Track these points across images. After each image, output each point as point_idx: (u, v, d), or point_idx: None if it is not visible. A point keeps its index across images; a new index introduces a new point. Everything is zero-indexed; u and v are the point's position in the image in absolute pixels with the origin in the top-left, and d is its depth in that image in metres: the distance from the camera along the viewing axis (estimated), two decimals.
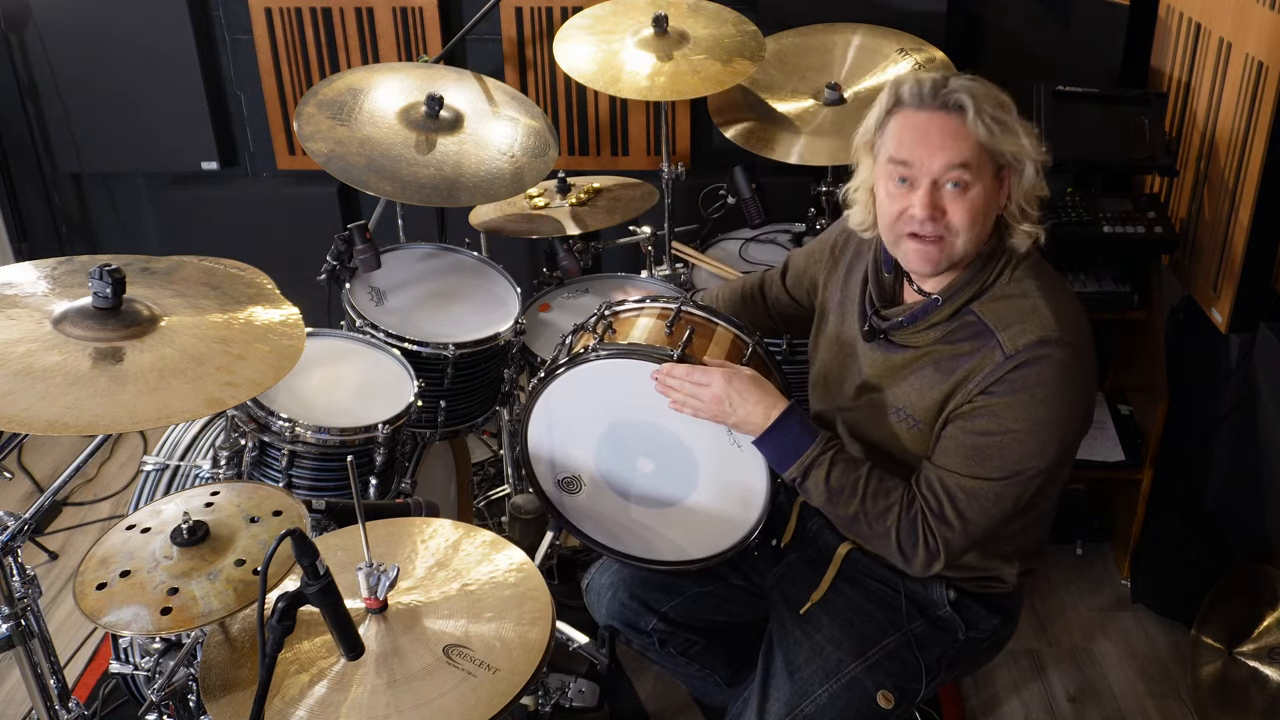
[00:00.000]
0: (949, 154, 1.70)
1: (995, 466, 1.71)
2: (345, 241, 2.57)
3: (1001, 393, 1.69)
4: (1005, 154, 1.71)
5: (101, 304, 1.56)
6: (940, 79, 1.73)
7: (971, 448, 1.72)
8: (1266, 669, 2.32)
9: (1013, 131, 1.71)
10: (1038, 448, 1.70)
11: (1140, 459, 2.81)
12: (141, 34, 3.34)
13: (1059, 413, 1.69)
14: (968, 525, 1.73)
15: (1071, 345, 1.68)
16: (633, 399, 1.90)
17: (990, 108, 1.70)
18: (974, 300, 1.76)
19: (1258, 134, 2.37)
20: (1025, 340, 1.69)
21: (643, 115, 3.42)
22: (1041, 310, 1.71)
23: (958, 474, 1.73)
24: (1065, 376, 1.68)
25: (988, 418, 1.71)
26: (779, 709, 1.84)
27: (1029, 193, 1.74)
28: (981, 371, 1.71)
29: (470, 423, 2.64)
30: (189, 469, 2.30)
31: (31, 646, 1.72)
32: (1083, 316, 1.75)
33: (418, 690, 1.42)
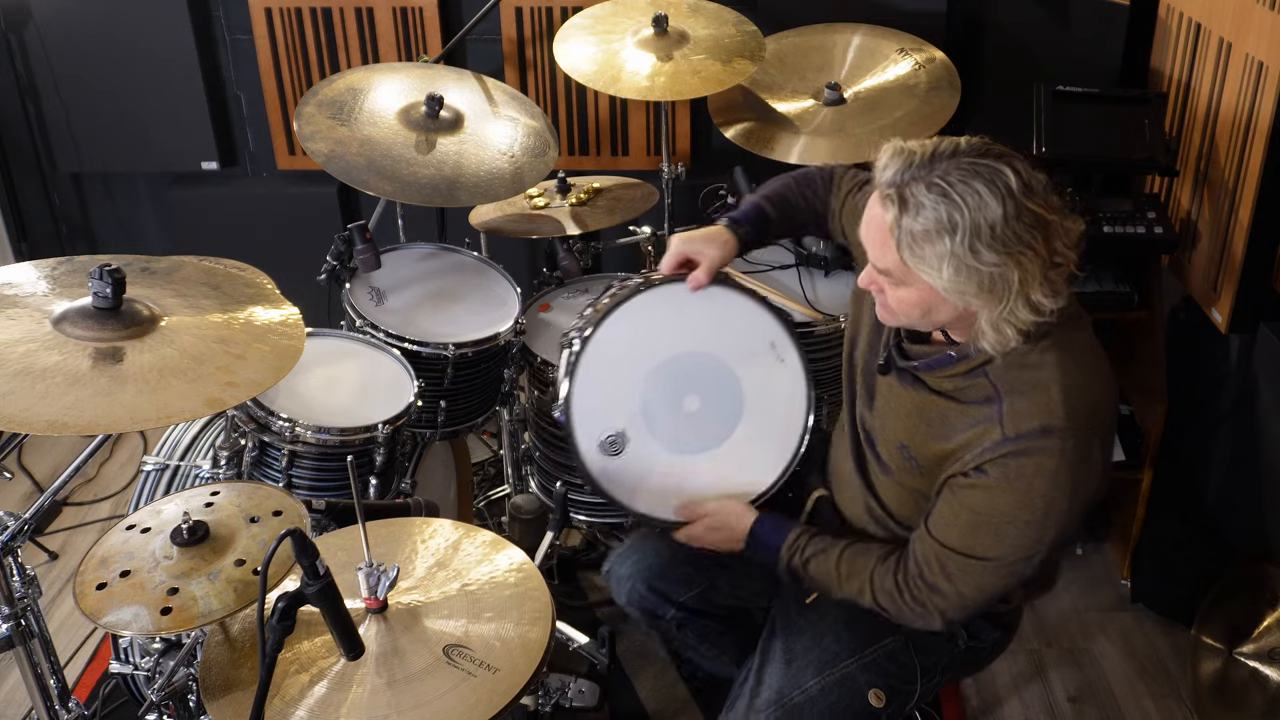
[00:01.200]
0: (874, 253, 1.60)
1: (990, 545, 1.64)
2: (345, 241, 2.57)
3: (997, 477, 1.60)
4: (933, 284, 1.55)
5: (101, 304, 1.56)
6: (910, 167, 1.53)
7: (966, 524, 1.66)
8: (1266, 669, 2.32)
9: (930, 266, 1.52)
10: (1034, 537, 1.62)
11: (1140, 459, 2.81)
12: (142, 34, 3.34)
13: (1056, 505, 1.60)
14: (963, 597, 1.69)
15: (1077, 435, 1.57)
16: (670, 334, 1.95)
17: (919, 226, 1.50)
18: (990, 362, 1.63)
19: (1258, 134, 2.37)
20: (1026, 426, 1.58)
21: (643, 115, 3.42)
22: (1053, 393, 1.58)
23: (952, 550, 1.67)
24: (1065, 469, 1.57)
25: (983, 497, 1.63)
26: (770, 694, 1.84)
27: (1004, 318, 1.56)
28: (980, 445, 1.62)
29: (470, 423, 2.65)
30: (189, 469, 2.30)
31: (31, 646, 1.72)
32: (1102, 397, 1.63)
33: (418, 690, 1.42)
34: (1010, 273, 1.51)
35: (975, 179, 1.50)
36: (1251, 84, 2.39)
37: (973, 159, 1.52)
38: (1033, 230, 1.51)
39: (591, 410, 1.94)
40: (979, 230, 1.49)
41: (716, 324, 1.98)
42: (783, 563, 1.85)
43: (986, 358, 1.63)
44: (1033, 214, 1.51)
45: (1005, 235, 1.50)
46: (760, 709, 1.83)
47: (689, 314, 1.97)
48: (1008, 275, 1.51)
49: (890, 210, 1.54)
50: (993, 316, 1.56)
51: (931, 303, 1.59)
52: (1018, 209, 1.50)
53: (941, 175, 1.51)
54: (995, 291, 1.53)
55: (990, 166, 1.51)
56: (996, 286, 1.52)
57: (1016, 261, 1.51)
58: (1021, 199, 1.50)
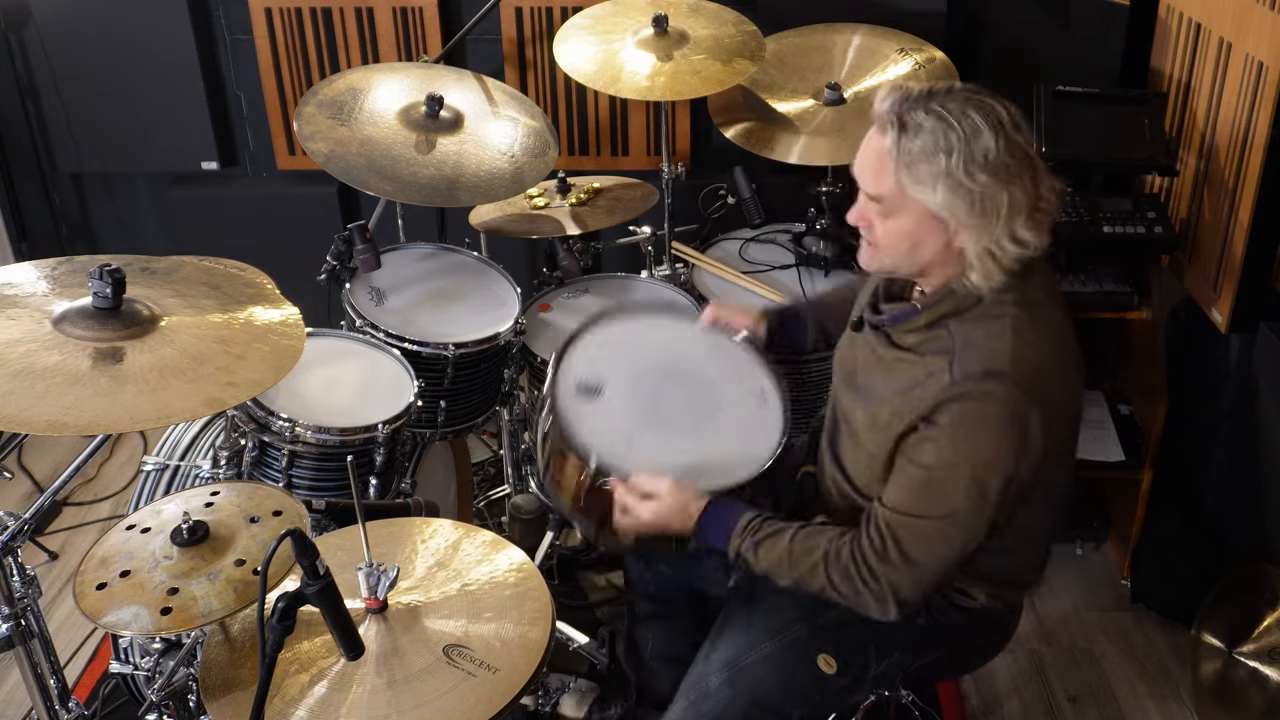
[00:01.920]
0: (866, 182, 1.66)
1: (936, 503, 1.65)
2: (345, 241, 2.57)
3: (943, 424, 1.62)
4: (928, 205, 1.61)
5: (101, 304, 1.56)
6: (914, 95, 1.62)
7: (915, 482, 1.67)
8: (1266, 669, 2.32)
9: (926, 186, 1.60)
10: (982, 487, 1.62)
11: (1140, 459, 2.81)
12: (142, 34, 3.34)
13: (1000, 459, 1.61)
14: (914, 568, 1.68)
15: (1021, 384, 1.59)
16: (673, 347, 2.12)
17: (917, 148, 1.59)
18: (954, 315, 1.68)
19: (1258, 134, 2.37)
20: (974, 369, 1.61)
21: (643, 115, 3.42)
22: (1004, 342, 1.62)
23: (901, 512, 1.68)
24: (1009, 421, 1.59)
25: (930, 449, 1.65)
26: (726, 655, 1.86)
27: (980, 245, 1.61)
28: (930, 389, 1.64)
29: (470, 423, 2.64)
30: (189, 469, 2.30)
31: (31, 646, 1.72)
32: (1052, 370, 1.64)
33: (418, 690, 1.42)
34: (1000, 195, 1.59)
35: (971, 108, 1.60)
36: (1251, 84, 2.39)
37: (966, 94, 1.63)
38: (1021, 164, 1.60)
39: (582, 362, 2.04)
40: (973, 153, 1.58)
41: (719, 358, 2.10)
42: (734, 545, 1.79)
43: (949, 310, 1.68)
44: (1021, 149, 1.61)
45: (997, 162, 1.58)
46: (713, 670, 1.85)
47: (697, 343, 2.13)
48: (998, 198, 1.59)
49: (890, 134, 1.61)
50: (980, 245, 1.61)
51: (920, 234, 1.65)
52: (1009, 141, 1.59)
53: (939, 103, 1.61)
54: (985, 214, 1.59)
55: (985, 102, 1.62)
56: (987, 209, 1.59)
57: (1006, 186, 1.59)
58: (1012, 133, 1.60)
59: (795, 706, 1.84)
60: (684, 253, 2.96)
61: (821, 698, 1.86)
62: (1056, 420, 1.65)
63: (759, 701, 1.83)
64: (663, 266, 2.99)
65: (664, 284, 2.85)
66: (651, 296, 2.80)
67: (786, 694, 1.83)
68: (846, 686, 1.87)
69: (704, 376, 2.08)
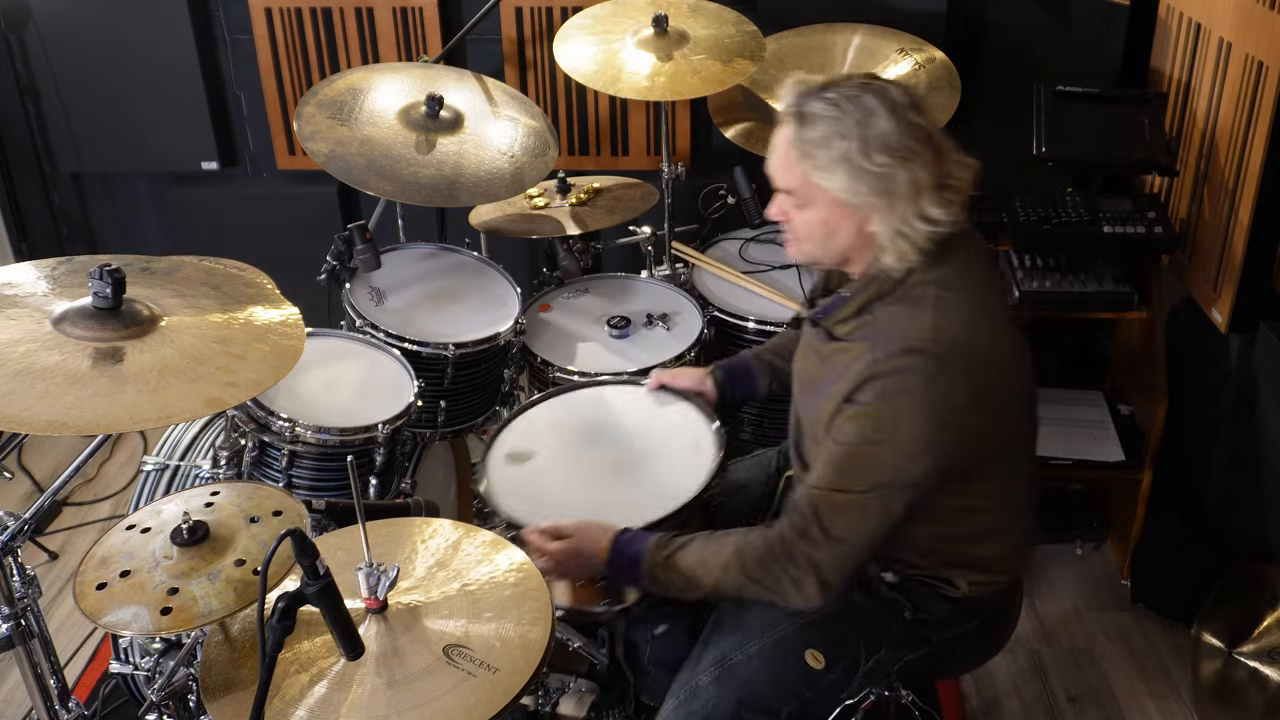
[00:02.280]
0: (777, 176, 1.72)
1: (857, 478, 1.66)
2: (345, 241, 2.57)
3: (864, 401, 1.65)
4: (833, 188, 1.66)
5: (101, 304, 1.56)
6: (811, 87, 1.68)
7: (837, 458, 1.68)
8: (1266, 669, 2.32)
9: (826, 171, 1.65)
10: (901, 460, 1.64)
11: (1140, 459, 2.81)
12: (142, 34, 3.34)
13: (921, 431, 1.62)
14: (835, 544, 1.69)
15: (940, 357, 1.61)
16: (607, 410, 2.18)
17: (816, 136, 1.64)
18: (879, 300, 1.70)
19: (1258, 134, 2.37)
20: (893, 347, 1.64)
21: (643, 115, 3.42)
22: (924, 318, 1.65)
23: (822, 488, 1.69)
24: (927, 389, 1.61)
25: (851, 427, 1.66)
26: (715, 655, 1.87)
27: (891, 226, 1.65)
28: (854, 369, 1.67)
29: (470, 423, 2.65)
30: (189, 469, 2.30)
31: (31, 646, 1.72)
32: (977, 333, 1.66)
33: (418, 690, 1.42)
34: (900, 174, 1.63)
35: (866, 93, 1.65)
36: (1251, 84, 2.39)
37: (862, 80, 1.68)
38: (921, 143, 1.65)
39: (517, 434, 2.15)
40: (869, 135, 1.63)
41: (657, 416, 2.16)
42: (646, 563, 1.79)
43: (873, 294, 1.71)
44: (919, 128, 1.65)
45: (893, 141, 1.63)
46: (704, 669, 1.86)
47: (639, 405, 2.19)
48: (898, 177, 1.63)
49: (790, 127, 1.68)
50: (889, 227, 1.66)
51: (832, 221, 1.70)
52: (906, 122, 1.64)
53: (834, 91, 1.66)
54: (889, 195, 1.64)
55: (880, 85, 1.67)
56: (890, 189, 1.64)
57: (906, 164, 1.63)
58: (909, 114, 1.65)
59: (784, 703, 1.84)
60: (684, 253, 2.96)
61: (811, 694, 1.85)
62: (987, 391, 1.66)
63: (747, 699, 1.83)
64: (663, 266, 2.99)
65: (664, 284, 2.85)
66: (636, 306, 2.81)
67: (775, 691, 1.83)
68: (836, 682, 1.86)
69: (638, 435, 2.12)
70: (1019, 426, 1.79)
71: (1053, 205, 2.71)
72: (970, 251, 1.74)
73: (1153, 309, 2.76)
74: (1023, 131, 2.70)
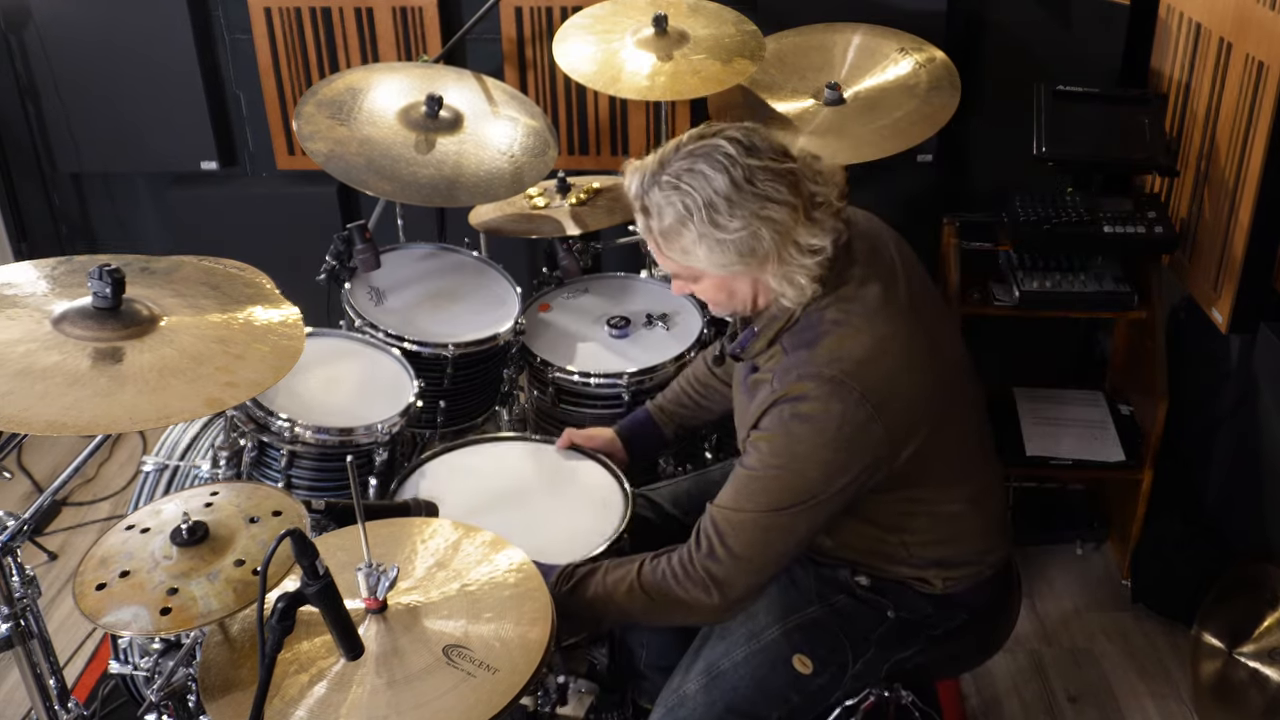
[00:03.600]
0: (660, 263, 1.74)
1: (759, 501, 1.68)
2: (345, 241, 2.57)
3: (764, 427, 1.67)
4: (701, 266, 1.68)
5: (101, 304, 1.56)
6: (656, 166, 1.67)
7: (740, 481, 1.71)
8: (1266, 669, 2.32)
9: (687, 253, 1.67)
10: (799, 483, 1.65)
11: (1140, 459, 2.81)
12: (141, 34, 3.33)
13: (819, 450, 1.64)
14: (738, 560, 1.70)
15: (834, 380, 1.62)
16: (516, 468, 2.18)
17: (664, 225, 1.65)
18: (785, 331, 1.71)
19: (1258, 134, 2.37)
20: (790, 375, 1.65)
21: (643, 115, 3.42)
22: (820, 345, 1.66)
23: (725, 508, 1.71)
24: (824, 413, 1.62)
25: (753, 453, 1.69)
26: (703, 664, 1.87)
27: (784, 272, 1.66)
28: (759, 400, 1.69)
29: (470, 423, 2.64)
30: (188, 469, 2.30)
31: (31, 646, 1.72)
32: (875, 351, 1.65)
33: (417, 690, 1.42)
34: (760, 230, 1.62)
35: (697, 162, 1.62)
36: (1251, 84, 2.39)
37: (691, 146, 1.65)
38: (771, 184, 1.62)
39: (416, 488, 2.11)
40: (713, 205, 1.61)
41: (565, 475, 2.16)
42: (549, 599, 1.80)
43: (780, 326, 1.71)
44: (765, 170, 1.62)
45: (739, 199, 1.61)
46: (692, 677, 1.86)
47: (547, 463, 2.20)
48: (759, 233, 1.62)
49: (641, 221, 1.69)
50: (775, 275, 1.66)
51: (725, 286, 1.71)
52: (746, 171, 1.61)
53: (670, 173, 1.64)
54: (757, 253, 1.63)
55: (707, 144, 1.64)
56: (756, 248, 1.63)
57: (762, 218, 1.61)
58: (747, 161, 1.62)
59: (772, 709, 1.84)
60: None
61: (800, 699, 1.85)
62: (891, 404, 1.65)
63: (735, 706, 1.83)
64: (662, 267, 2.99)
65: (664, 284, 2.85)
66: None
67: (763, 697, 1.83)
68: (825, 686, 1.86)
69: (547, 488, 2.13)
70: (951, 423, 1.76)
71: (1053, 205, 2.71)
72: (868, 257, 1.73)
73: (1153, 309, 2.76)
74: (1023, 131, 2.70)
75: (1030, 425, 2.90)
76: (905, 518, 1.79)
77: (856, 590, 1.88)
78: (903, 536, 1.81)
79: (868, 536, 1.82)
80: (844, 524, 1.78)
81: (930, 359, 1.73)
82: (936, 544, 1.83)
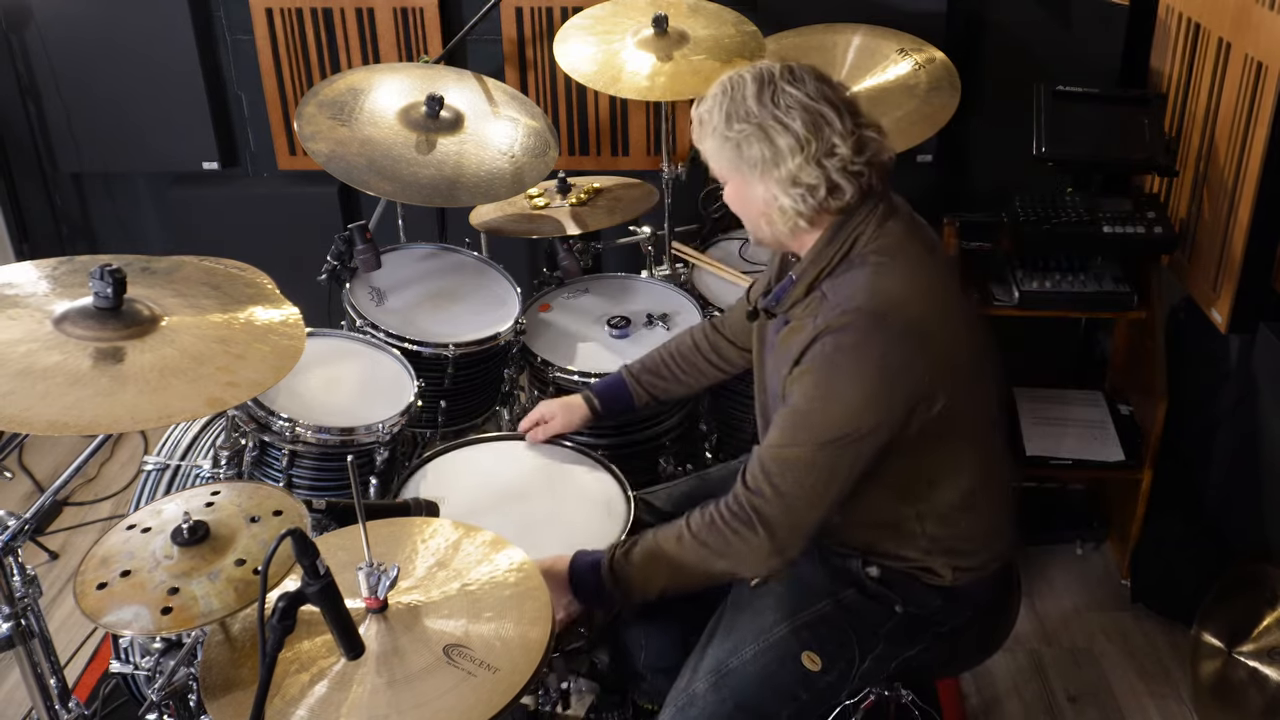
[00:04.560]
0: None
1: (804, 435, 1.70)
2: (345, 241, 2.57)
3: (809, 363, 1.70)
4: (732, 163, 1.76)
5: (102, 304, 1.56)
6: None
7: (785, 419, 1.73)
8: (1266, 669, 2.32)
9: (705, 143, 1.78)
10: (846, 415, 1.68)
11: (1140, 459, 2.81)
12: (142, 34, 3.34)
13: (861, 383, 1.67)
14: (784, 498, 1.71)
15: (877, 314, 1.66)
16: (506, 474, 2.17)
17: (704, 109, 1.76)
18: (826, 277, 1.75)
19: (1258, 134, 2.37)
20: (834, 313, 1.69)
21: (643, 115, 3.42)
22: (861, 282, 1.70)
23: (773, 445, 1.73)
24: (866, 345, 1.66)
25: (797, 388, 1.72)
26: (711, 663, 1.87)
27: (775, 192, 1.73)
28: (800, 340, 1.73)
29: (470, 423, 2.65)
30: (189, 469, 2.30)
31: (31, 646, 1.72)
32: (914, 289, 1.71)
33: (418, 690, 1.42)
34: (754, 142, 1.71)
35: (747, 72, 1.75)
36: (1251, 84, 2.39)
37: (757, 64, 1.78)
38: (791, 112, 1.70)
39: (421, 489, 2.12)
40: (734, 104, 1.73)
41: (563, 472, 2.18)
42: (605, 567, 1.82)
43: (819, 271, 1.75)
44: (793, 98, 1.70)
45: (753, 108, 1.71)
46: (700, 676, 1.86)
47: (546, 463, 2.21)
48: (752, 143, 1.71)
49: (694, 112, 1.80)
50: (768, 191, 1.73)
51: (737, 192, 1.79)
52: (774, 91, 1.71)
53: (727, 76, 1.77)
54: (745, 160, 1.73)
55: (763, 65, 1.76)
56: (747, 154, 1.72)
57: (763, 131, 1.71)
58: (781, 84, 1.72)
59: (781, 707, 1.84)
60: (684, 253, 2.96)
61: (808, 696, 1.85)
62: (929, 351, 1.69)
63: (744, 704, 1.82)
64: (663, 266, 2.99)
65: (664, 284, 2.85)
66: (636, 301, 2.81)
67: (772, 695, 1.83)
68: (833, 683, 1.86)
69: (546, 492, 2.13)
70: (974, 395, 1.80)
71: (1053, 205, 2.71)
72: (910, 224, 1.80)
73: (1153, 309, 2.76)
74: (1023, 131, 2.70)
75: (1030, 425, 2.90)
76: (924, 486, 1.80)
77: (865, 583, 1.89)
78: (918, 507, 1.81)
79: (884, 509, 1.82)
80: (864, 491, 1.77)
81: (965, 320, 1.79)
82: (948, 523, 1.83)
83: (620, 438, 2.56)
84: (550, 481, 2.15)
